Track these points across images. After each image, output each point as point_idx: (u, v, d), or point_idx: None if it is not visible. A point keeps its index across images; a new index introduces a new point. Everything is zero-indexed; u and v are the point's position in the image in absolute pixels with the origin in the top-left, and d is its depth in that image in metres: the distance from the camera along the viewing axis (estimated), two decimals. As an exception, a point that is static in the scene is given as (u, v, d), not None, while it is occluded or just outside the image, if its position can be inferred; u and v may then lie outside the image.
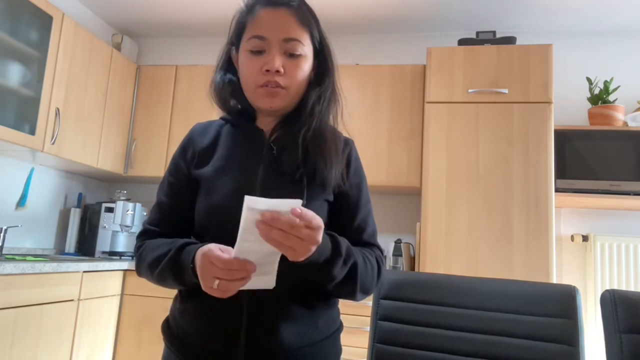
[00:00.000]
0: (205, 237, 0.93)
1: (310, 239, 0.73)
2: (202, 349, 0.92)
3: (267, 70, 0.95)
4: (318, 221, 0.74)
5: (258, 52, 0.97)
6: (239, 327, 0.90)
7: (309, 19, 1.00)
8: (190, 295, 0.95)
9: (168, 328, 1.00)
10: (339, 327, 1.02)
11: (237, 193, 0.87)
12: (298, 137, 0.97)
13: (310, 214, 0.73)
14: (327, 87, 1.03)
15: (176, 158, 1.06)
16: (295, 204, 0.71)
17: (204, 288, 0.80)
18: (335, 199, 1.00)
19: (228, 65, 1.06)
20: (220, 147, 1.03)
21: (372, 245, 1.02)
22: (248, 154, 1.00)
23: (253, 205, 0.71)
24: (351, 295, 0.94)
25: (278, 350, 0.90)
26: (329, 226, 0.95)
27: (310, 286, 0.92)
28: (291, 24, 0.97)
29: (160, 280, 0.94)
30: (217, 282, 0.77)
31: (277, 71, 0.95)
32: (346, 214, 1.01)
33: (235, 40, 1.03)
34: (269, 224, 0.71)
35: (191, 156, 1.04)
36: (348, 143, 1.07)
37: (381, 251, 1.04)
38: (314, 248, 0.75)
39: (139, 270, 1.01)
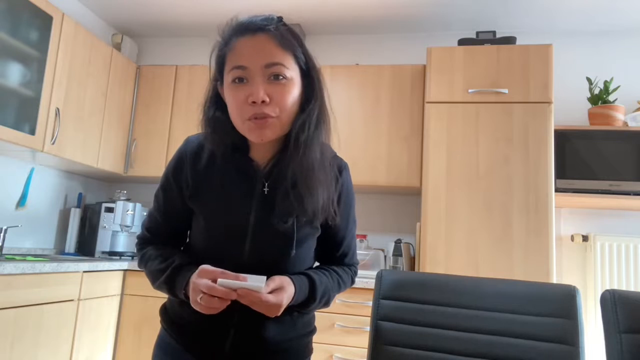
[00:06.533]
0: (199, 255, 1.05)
1: (272, 309, 0.90)
2: (196, 335, 1.01)
3: (253, 102, 0.91)
4: (278, 299, 0.89)
5: (240, 81, 0.93)
6: (230, 322, 0.99)
7: (290, 41, 0.95)
8: None
9: (165, 313, 1.09)
10: (313, 330, 1.13)
11: (229, 244, 1.00)
12: (287, 180, 0.97)
13: (271, 298, 0.88)
14: (312, 112, 0.98)
15: (170, 179, 1.07)
16: (260, 280, 0.87)
17: (192, 304, 0.92)
18: (323, 230, 1.06)
19: (217, 100, 1.02)
20: (213, 180, 1.02)
21: (351, 265, 1.16)
22: (241, 194, 1.00)
23: (226, 285, 0.88)
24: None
25: (260, 343, 1.01)
26: (315, 250, 1.09)
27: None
28: (271, 48, 0.93)
29: (158, 290, 1.05)
30: (200, 295, 0.88)
31: (263, 101, 0.91)
32: (333, 243, 1.11)
33: (219, 75, 1.00)
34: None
35: (185, 185, 1.04)
36: (341, 172, 1.07)
37: (357, 266, 1.20)
38: (280, 310, 0.91)
39: (141, 269, 1.11)
